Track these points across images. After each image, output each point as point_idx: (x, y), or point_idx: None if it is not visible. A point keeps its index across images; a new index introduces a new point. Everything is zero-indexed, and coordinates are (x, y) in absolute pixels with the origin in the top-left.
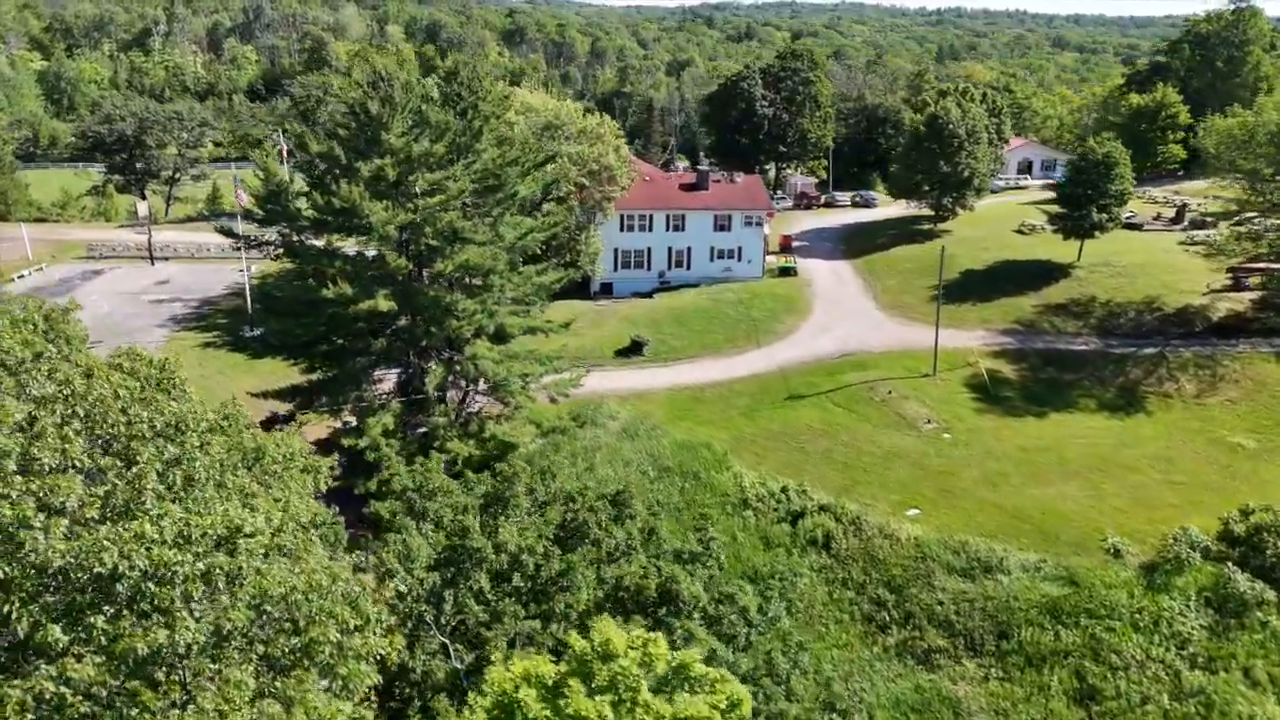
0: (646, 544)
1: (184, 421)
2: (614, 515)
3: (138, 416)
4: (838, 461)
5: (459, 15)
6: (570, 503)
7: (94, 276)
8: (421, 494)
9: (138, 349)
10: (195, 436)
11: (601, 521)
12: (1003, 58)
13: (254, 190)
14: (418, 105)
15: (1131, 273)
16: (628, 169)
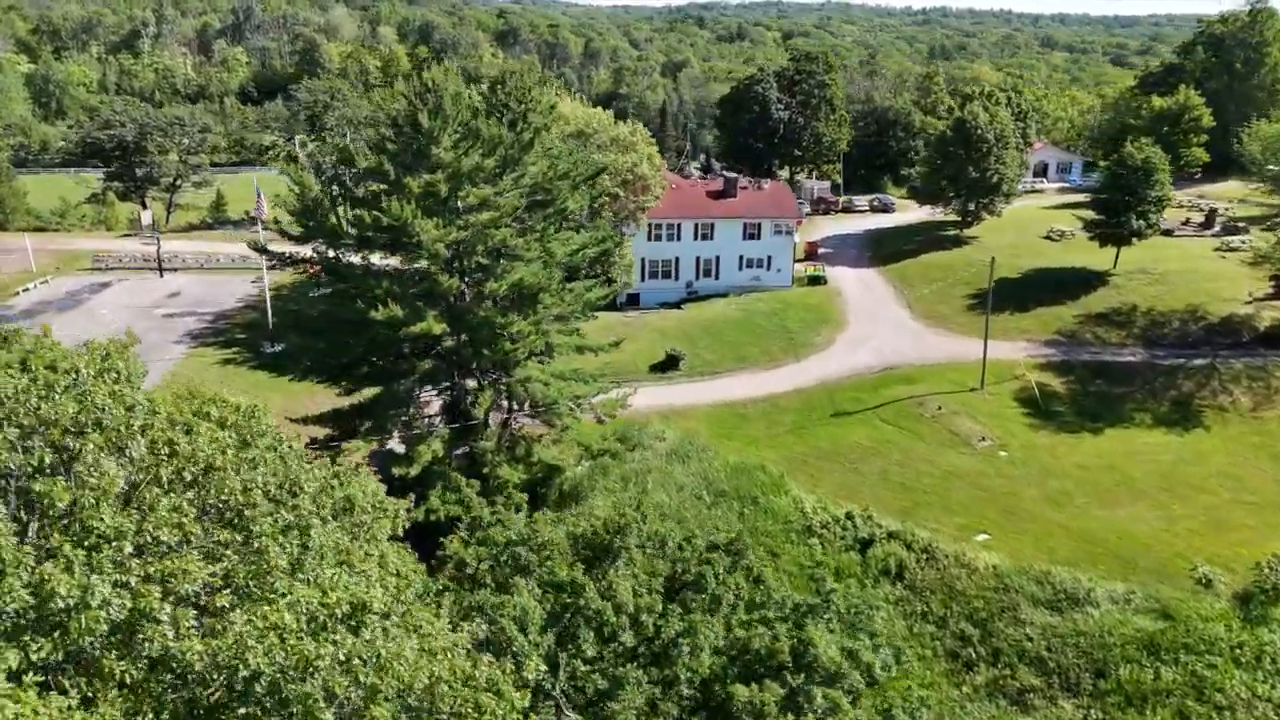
0: (754, 591)
1: (297, 483)
2: (730, 565)
3: (252, 481)
4: (895, 482)
5: (451, 16)
6: (680, 551)
7: (102, 289)
8: (530, 547)
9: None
10: (309, 499)
11: (719, 574)
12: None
13: (287, 204)
14: (467, 117)
15: (1170, 280)
16: (661, 178)
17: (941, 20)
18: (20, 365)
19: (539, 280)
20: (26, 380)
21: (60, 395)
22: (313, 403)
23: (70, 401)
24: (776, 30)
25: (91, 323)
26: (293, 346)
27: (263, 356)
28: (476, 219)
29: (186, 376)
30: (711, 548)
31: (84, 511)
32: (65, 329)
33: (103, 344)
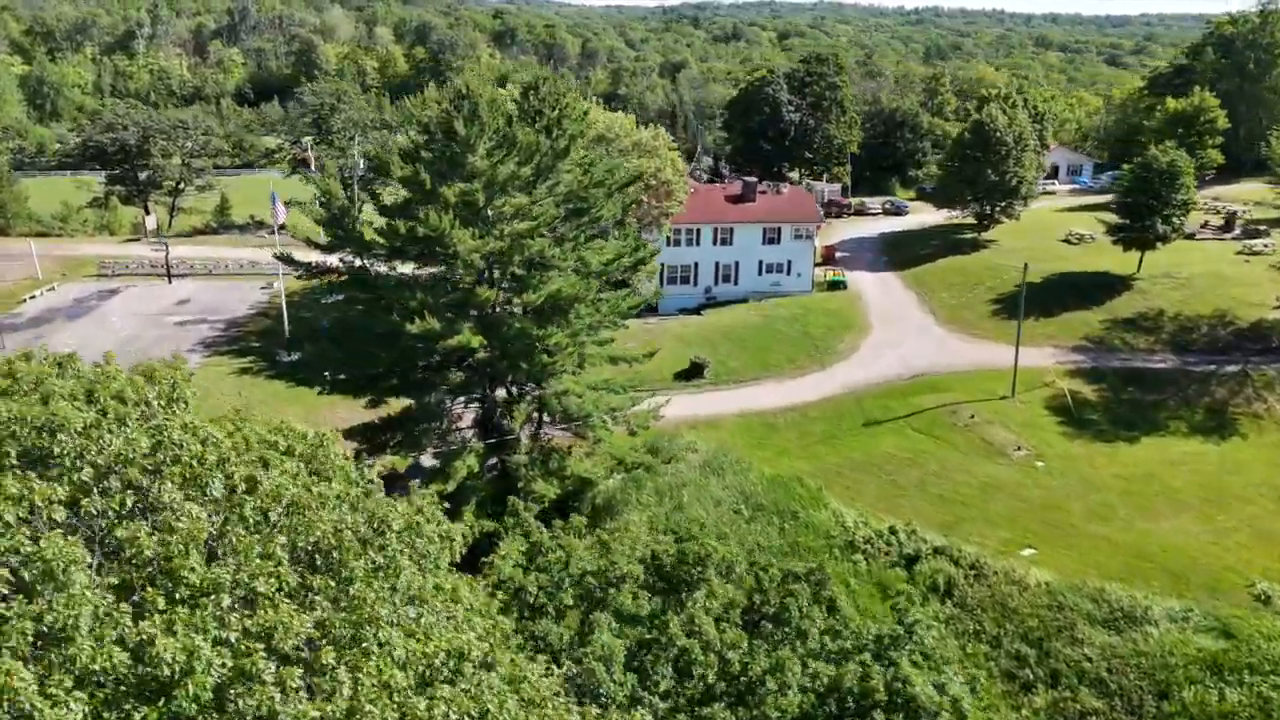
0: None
1: (385, 521)
2: (812, 596)
3: (342, 521)
4: (933, 495)
5: (447, 17)
6: (756, 580)
7: (110, 296)
8: (607, 580)
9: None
10: (396, 539)
11: (803, 607)
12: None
13: (313, 212)
14: (502, 125)
15: (1195, 284)
16: (685, 183)
17: (934, 20)
18: (86, 396)
19: (576, 291)
20: (95, 413)
21: (133, 430)
22: (334, 414)
23: (143, 436)
24: (772, 31)
25: (102, 331)
26: (309, 355)
27: (279, 365)
28: (512, 228)
29: (204, 387)
30: (793, 578)
31: (174, 561)
32: (76, 337)
33: (165, 371)
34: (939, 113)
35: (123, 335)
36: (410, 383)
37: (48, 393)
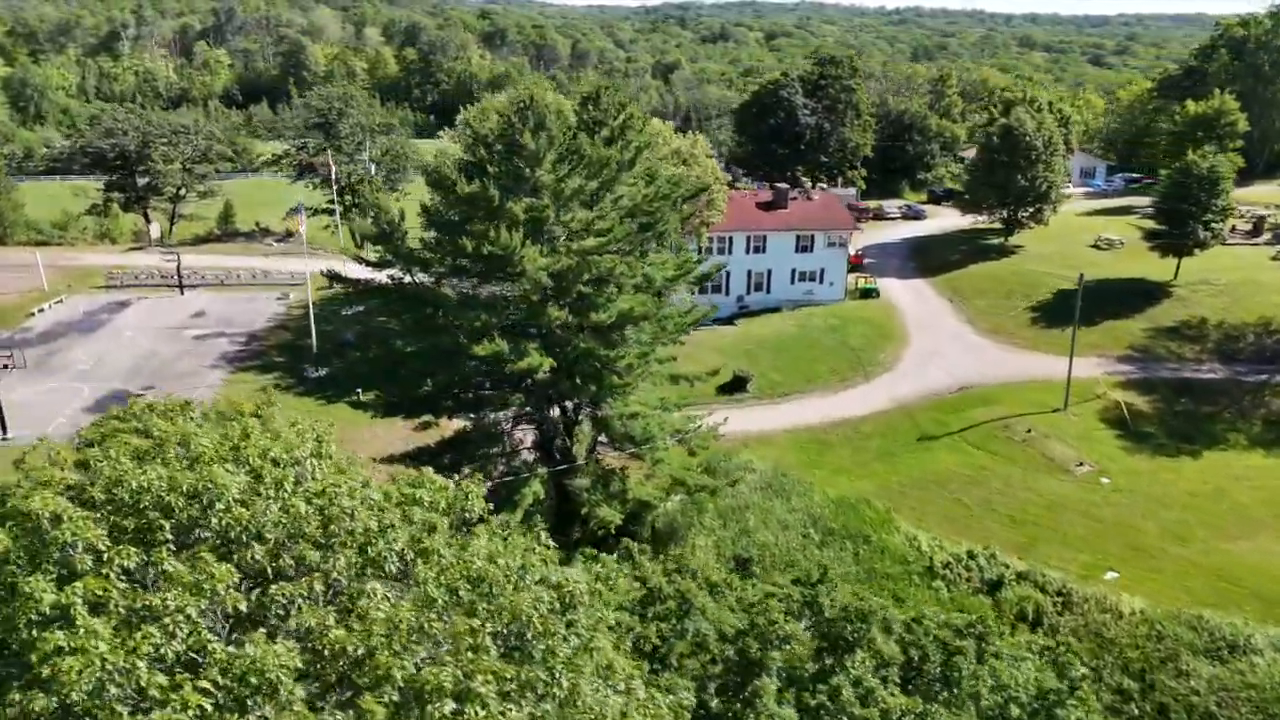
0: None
1: (576, 595)
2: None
3: (537, 598)
4: (1002, 514)
5: (435, 17)
6: (909, 634)
7: (121, 308)
8: (769, 640)
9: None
10: (585, 613)
11: (972, 666)
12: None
13: (363, 230)
14: (568, 137)
15: (1234, 291)
16: (725, 191)
17: (916, 20)
18: (233, 453)
19: (647, 309)
20: (245, 476)
21: (296, 497)
22: (370, 433)
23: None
24: (759, 31)
25: (118, 346)
26: (337, 371)
27: (307, 382)
28: (579, 245)
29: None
30: (955, 632)
31: (380, 656)
32: (91, 353)
33: (313, 427)
34: (946, 115)
35: (140, 350)
36: (464, 403)
37: (196, 453)
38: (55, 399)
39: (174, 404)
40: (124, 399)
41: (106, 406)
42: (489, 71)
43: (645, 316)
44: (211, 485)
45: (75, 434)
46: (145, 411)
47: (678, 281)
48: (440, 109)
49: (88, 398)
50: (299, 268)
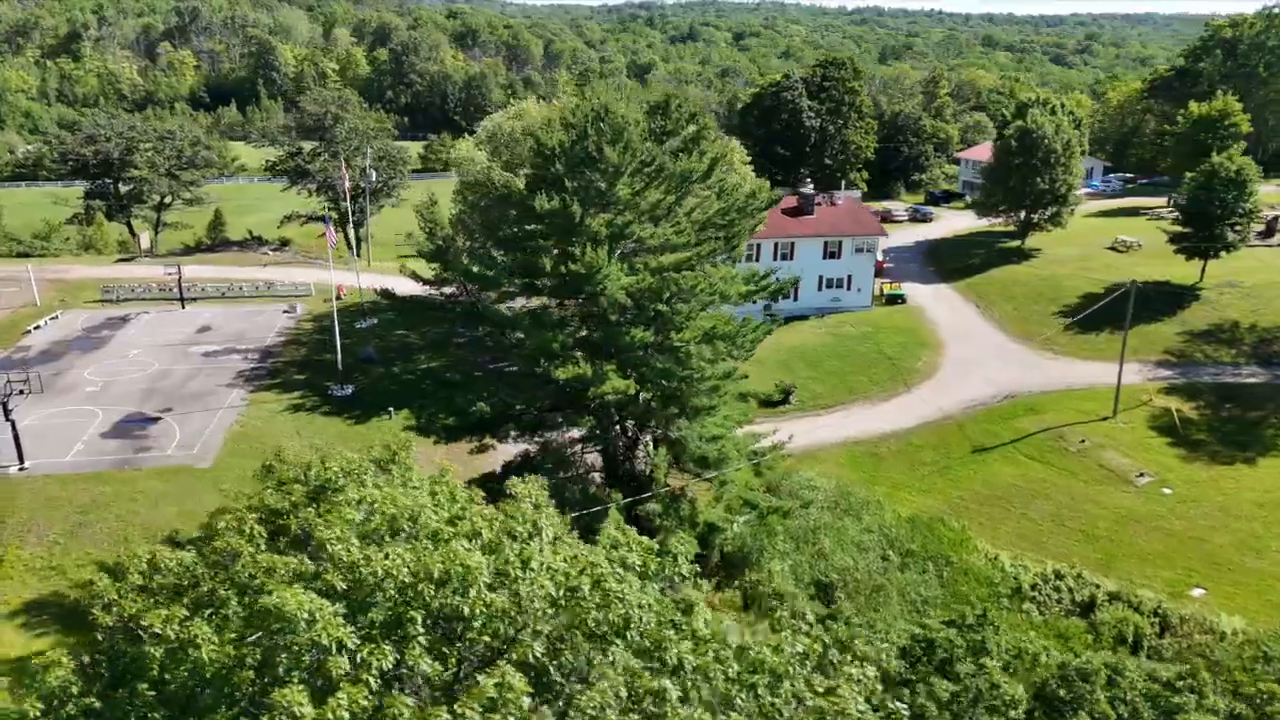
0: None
1: (763, 663)
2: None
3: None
4: (1074, 529)
5: (405, 17)
6: (1109, 686)
7: (122, 324)
8: (990, 708)
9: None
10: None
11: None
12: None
13: (421, 244)
14: (646, 148)
15: (1262, 293)
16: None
17: (878, 20)
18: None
19: (731, 327)
20: (482, 556)
21: (543, 576)
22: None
23: (548, 581)
24: (727, 31)
25: (126, 365)
26: (362, 388)
27: (333, 400)
28: (658, 261)
29: (258, 429)
30: (1164, 685)
31: None
32: (99, 374)
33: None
34: (938, 115)
35: (150, 370)
36: (525, 425)
37: (430, 529)
38: (68, 424)
39: (351, 463)
40: (142, 423)
41: (125, 431)
42: (463, 73)
43: (729, 335)
44: (463, 568)
45: (250, 500)
46: (319, 467)
47: (752, 296)
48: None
49: (104, 422)
50: (303, 279)
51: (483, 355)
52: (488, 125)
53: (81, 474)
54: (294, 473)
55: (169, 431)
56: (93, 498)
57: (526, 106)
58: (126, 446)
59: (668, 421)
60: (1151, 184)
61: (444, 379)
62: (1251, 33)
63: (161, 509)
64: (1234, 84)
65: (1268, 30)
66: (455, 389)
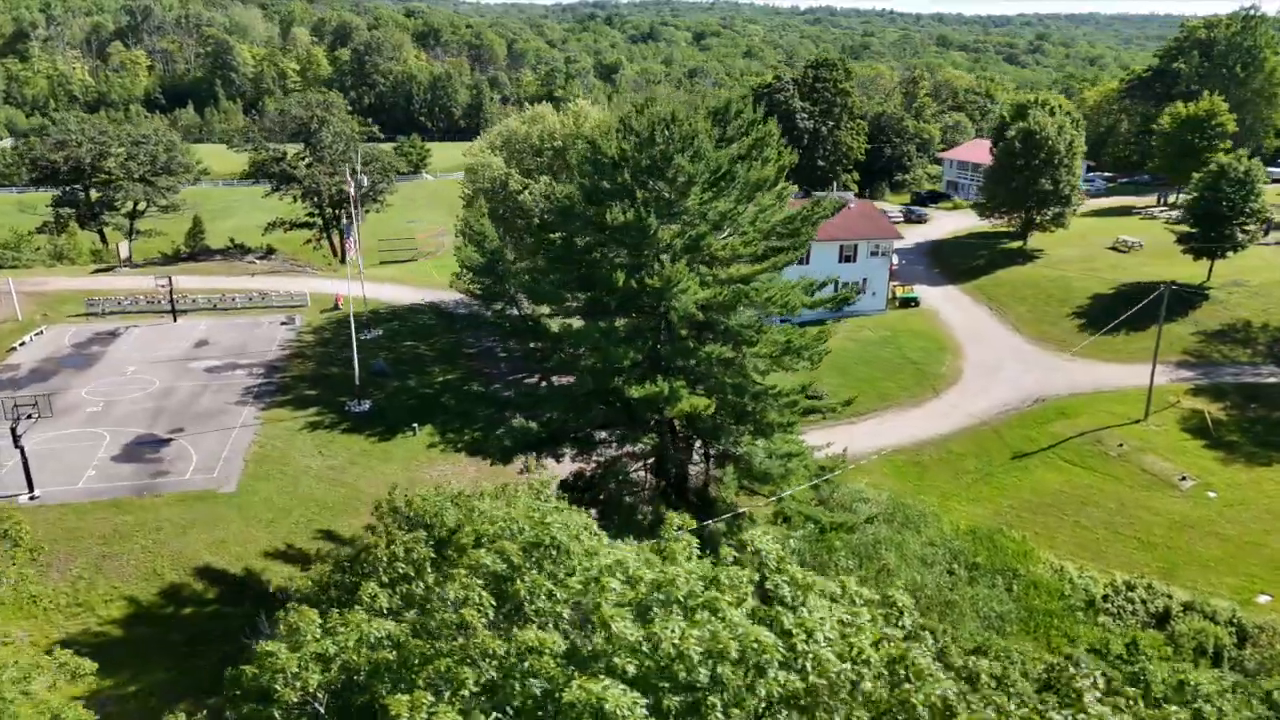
0: None
1: None
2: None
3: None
4: (1129, 537)
5: (363, 16)
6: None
7: (112, 339)
8: None
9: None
10: None
11: None
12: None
13: (467, 260)
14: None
15: (1270, 292)
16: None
17: (831, 19)
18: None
19: (806, 341)
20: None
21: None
22: (440, 474)
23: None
24: (686, 30)
25: (124, 384)
26: (379, 403)
27: (351, 416)
28: (727, 272)
29: (279, 449)
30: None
31: None
32: (97, 393)
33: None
34: (919, 116)
35: (152, 388)
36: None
37: (700, 597)
38: (75, 448)
39: (572, 522)
40: (154, 445)
41: (138, 454)
42: (428, 73)
43: (804, 349)
44: (757, 645)
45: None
46: (536, 526)
47: (819, 307)
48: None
49: (112, 445)
50: (297, 288)
51: (495, 367)
52: (501, 130)
53: (98, 502)
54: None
55: (184, 454)
56: (114, 528)
57: (542, 111)
58: (142, 471)
59: (734, 438)
60: (1132, 183)
61: (464, 391)
62: (1228, 33)
63: (190, 538)
64: (1212, 84)
65: (1244, 31)
66: (477, 402)
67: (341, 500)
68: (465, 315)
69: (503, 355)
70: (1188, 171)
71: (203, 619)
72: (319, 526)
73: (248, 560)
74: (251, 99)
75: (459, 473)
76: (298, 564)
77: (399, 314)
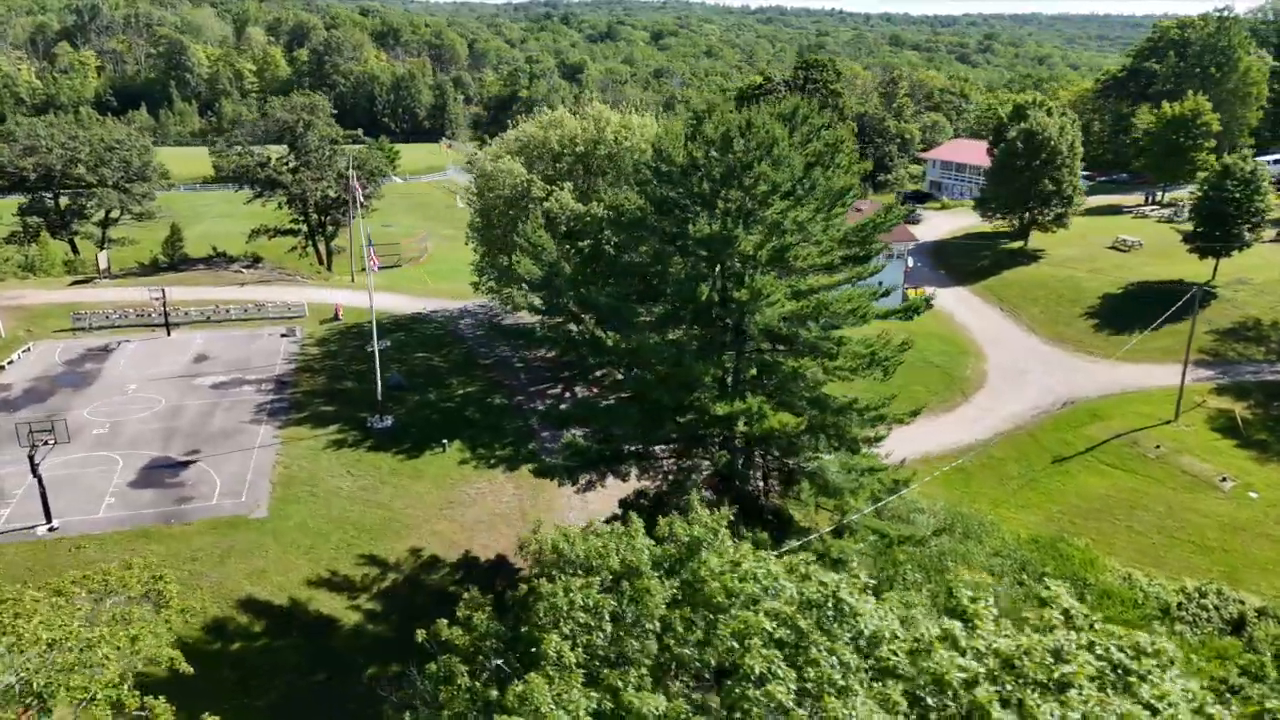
0: None
1: None
2: None
3: None
4: (1183, 540)
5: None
6: None
7: (106, 355)
8: None
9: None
10: None
11: None
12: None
13: (528, 273)
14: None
15: (1274, 289)
16: None
17: (782, 18)
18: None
19: (889, 352)
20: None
21: None
22: (479, 493)
23: None
24: (644, 30)
25: (127, 403)
26: (402, 418)
27: (375, 434)
28: (805, 283)
29: (307, 470)
30: None
31: None
32: (101, 414)
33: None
34: (899, 116)
35: (158, 407)
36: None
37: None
38: (88, 473)
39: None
40: (173, 468)
41: (156, 479)
42: (390, 73)
43: (887, 360)
44: None
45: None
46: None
47: (891, 317)
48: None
49: (127, 469)
50: (294, 298)
51: (514, 378)
52: (519, 134)
53: (122, 531)
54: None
55: (206, 478)
56: (143, 560)
57: (560, 116)
58: (164, 497)
59: (810, 453)
60: (1111, 181)
61: (487, 405)
62: (1202, 34)
63: (228, 568)
64: (1188, 84)
65: (1218, 32)
66: (503, 415)
67: (379, 523)
68: (477, 324)
69: (519, 365)
70: (1173, 170)
71: (253, 654)
72: (360, 551)
73: (291, 590)
74: (207, 100)
75: (495, 490)
76: (344, 592)
77: (402, 324)
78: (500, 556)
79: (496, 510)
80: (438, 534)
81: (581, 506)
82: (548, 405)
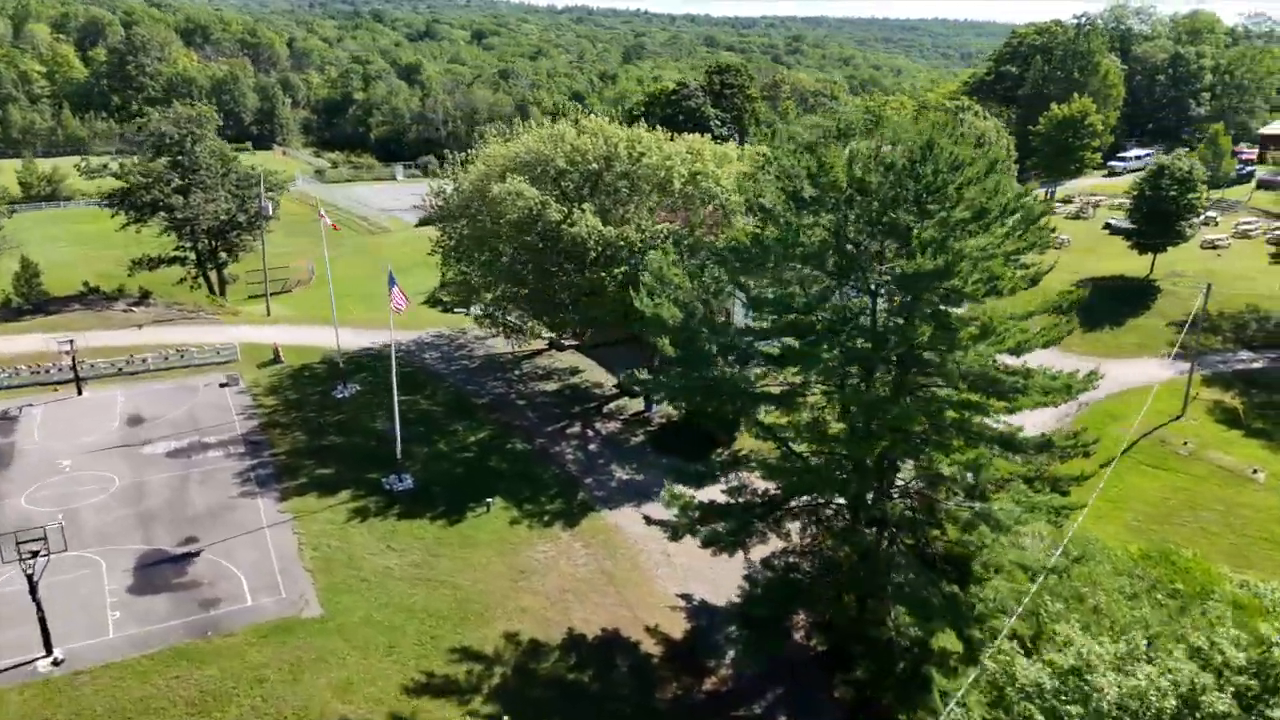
0: None
1: None
2: None
3: None
4: (1256, 539)
5: (110, 10)
6: None
7: (12, 424)
8: None
9: None
10: None
11: None
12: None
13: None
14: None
15: (1207, 280)
16: None
17: (591, 19)
18: None
19: (1082, 384)
20: None
21: None
22: (542, 555)
23: None
24: (463, 29)
25: (71, 483)
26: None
27: (397, 497)
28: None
29: (336, 548)
30: None
31: None
32: (41, 501)
33: None
34: (784, 119)
35: (114, 489)
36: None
37: None
38: (66, 582)
39: None
40: (172, 562)
41: (162, 581)
42: (208, 75)
43: (1078, 391)
44: None
45: None
46: None
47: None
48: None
49: (116, 573)
50: (221, 339)
51: (522, 418)
52: (519, 150)
53: (150, 655)
54: None
55: (222, 571)
56: (199, 688)
57: (564, 130)
58: (183, 603)
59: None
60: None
61: (509, 451)
62: (1065, 40)
63: (304, 686)
64: (1054, 86)
65: (1078, 38)
66: (530, 462)
67: (453, 606)
68: (444, 358)
69: (522, 404)
70: (1062, 169)
71: None
72: (447, 645)
73: (390, 703)
74: None
75: (564, 551)
76: (450, 696)
77: (361, 362)
78: (610, 631)
79: (577, 575)
80: (526, 611)
81: (665, 561)
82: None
